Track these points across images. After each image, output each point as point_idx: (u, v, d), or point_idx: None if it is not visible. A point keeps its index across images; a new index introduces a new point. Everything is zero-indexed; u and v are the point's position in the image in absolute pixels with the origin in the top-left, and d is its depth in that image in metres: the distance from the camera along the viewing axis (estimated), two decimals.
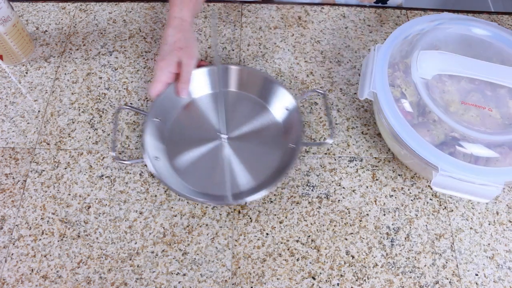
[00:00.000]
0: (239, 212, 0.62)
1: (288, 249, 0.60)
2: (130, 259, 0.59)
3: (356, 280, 0.58)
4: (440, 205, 0.63)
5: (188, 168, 0.64)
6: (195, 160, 0.65)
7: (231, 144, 0.66)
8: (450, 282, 0.58)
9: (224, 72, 0.69)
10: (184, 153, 0.65)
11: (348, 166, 0.66)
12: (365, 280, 0.58)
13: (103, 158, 0.66)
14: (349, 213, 0.63)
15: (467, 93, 0.59)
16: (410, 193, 0.64)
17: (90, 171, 0.65)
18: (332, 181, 0.65)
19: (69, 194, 0.63)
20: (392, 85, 0.60)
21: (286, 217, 0.62)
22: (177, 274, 0.58)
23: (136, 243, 0.60)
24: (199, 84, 0.69)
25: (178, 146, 0.66)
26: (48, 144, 0.68)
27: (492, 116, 0.57)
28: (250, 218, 0.62)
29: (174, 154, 0.65)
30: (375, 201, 0.63)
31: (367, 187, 0.64)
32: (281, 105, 0.68)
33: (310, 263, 0.59)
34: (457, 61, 0.60)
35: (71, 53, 0.77)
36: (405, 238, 0.61)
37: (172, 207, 0.62)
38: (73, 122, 0.70)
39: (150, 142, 0.63)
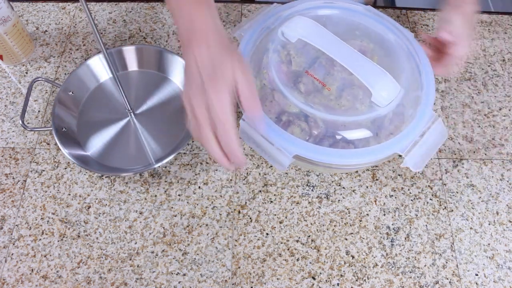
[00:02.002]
0: (239, 212, 0.62)
1: (288, 249, 0.60)
2: (130, 259, 0.59)
3: (356, 280, 0.58)
4: (440, 205, 0.63)
5: (94, 141, 0.67)
6: (103, 135, 0.67)
7: (138, 119, 0.68)
8: (450, 282, 0.58)
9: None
10: (93, 128, 0.68)
11: None
12: (365, 280, 0.58)
13: None
14: (349, 213, 0.63)
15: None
16: (410, 193, 0.64)
17: (90, 171, 0.65)
18: (332, 181, 0.65)
19: (69, 194, 0.63)
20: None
21: (286, 217, 0.62)
22: (177, 274, 0.58)
23: (136, 243, 0.60)
24: (119, 63, 0.73)
25: (88, 121, 0.68)
26: (48, 144, 0.68)
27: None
28: (250, 218, 0.62)
29: (82, 127, 0.68)
30: (375, 201, 0.63)
31: (367, 187, 0.64)
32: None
33: (310, 263, 0.59)
34: (319, 34, 0.58)
35: (71, 53, 0.77)
36: (405, 238, 0.61)
37: (172, 207, 0.62)
38: None
39: (59, 112, 0.66)
